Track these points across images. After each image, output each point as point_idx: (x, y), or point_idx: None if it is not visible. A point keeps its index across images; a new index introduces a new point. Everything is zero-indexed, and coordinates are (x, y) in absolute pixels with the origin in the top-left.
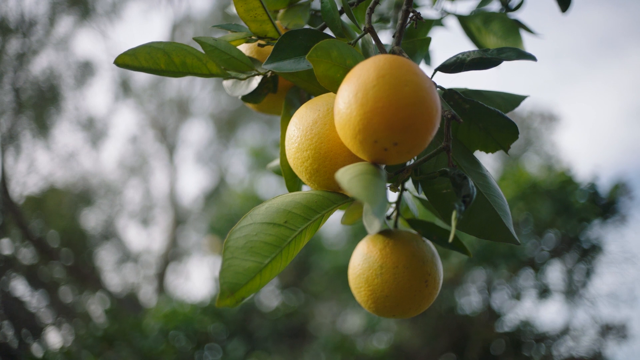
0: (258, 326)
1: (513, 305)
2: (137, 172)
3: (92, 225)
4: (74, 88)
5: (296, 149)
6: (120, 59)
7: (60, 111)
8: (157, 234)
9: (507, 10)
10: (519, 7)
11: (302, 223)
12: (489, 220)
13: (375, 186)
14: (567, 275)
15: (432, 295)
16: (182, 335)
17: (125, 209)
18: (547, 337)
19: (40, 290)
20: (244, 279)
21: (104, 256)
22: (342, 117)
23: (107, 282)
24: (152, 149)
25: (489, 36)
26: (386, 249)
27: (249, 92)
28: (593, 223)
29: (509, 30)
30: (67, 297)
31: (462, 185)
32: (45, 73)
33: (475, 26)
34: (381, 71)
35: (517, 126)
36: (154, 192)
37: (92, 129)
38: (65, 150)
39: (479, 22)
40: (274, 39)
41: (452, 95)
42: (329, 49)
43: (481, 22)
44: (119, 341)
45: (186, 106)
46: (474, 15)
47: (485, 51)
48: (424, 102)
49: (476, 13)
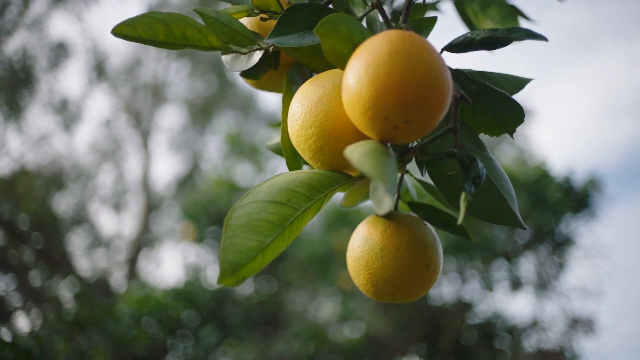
0: (231, 313)
1: (485, 296)
2: (110, 156)
3: (63, 209)
4: (47, 70)
5: (300, 126)
6: (117, 29)
7: (33, 93)
8: (129, 219)
9: None
10: None
11: (305, 202)
12: (495, 204)
13: (386, 164)
14: (539, 267)
15: (432, 279)
16: (155, 322)
17: (97, 194)
18: (518, 329)
19: (9, 274)
20: (246, 258)
21: (74, 241)
22: (352, 93)
23: (78, 266)
24: (125, 133)
25: (486, 21)
26: (387, 231)
27: (249, 67)
28: (566, 216)
29: (507, 16)
30: (36, 281)
31: (471, 167)
32: (19, 54)
33: (472, 10)
34: (394, 46)
35: (523, 109)
36: (127, 177)
37: (66, 112)
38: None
39: (476, 7)
40: (277, 13)
41: (458, 75)
42: (337, 23)
43: (478, 7)
44: (90, 326)
45: (161, 91)
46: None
47: (495, 30)
48: (437, 80)
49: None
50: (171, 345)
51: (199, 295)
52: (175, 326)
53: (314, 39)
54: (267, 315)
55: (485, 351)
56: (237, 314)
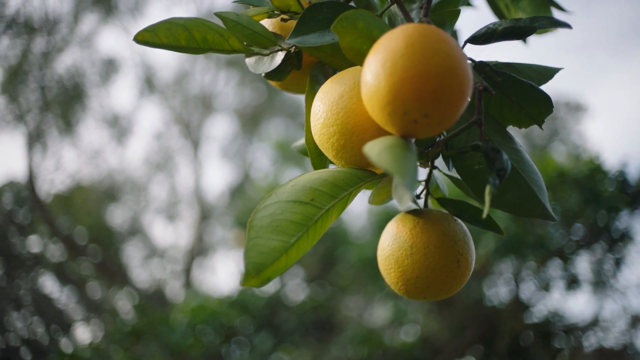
0: (285, 320)
1: (541, 296)
2: (162, 168)
3: (118, 221)
4: (98, 85)
5: (322, 125)
6: (139, 36)
7: (85, 109)
8: (183, 229)
9: None
10: None
11: (329, 201)
12: (523, 196)
13: (405, 159)
14: (596, 265)
15: (464, 276)
16: (210, 330)
17: (151, 205)
18: (577, 328)
19: (69, 286)
20: (270, 259)
21: (130, 252)
22: (370, 89)
23: (134, 278)
24: (176, 144)
25: (518, 13)
26: (416, 228)
27: (272, 68)
28: (622, 212)
29: (539, 7)
30: (95, 293)
31: (495, 159)
32: (70, 71)
33: (503, 3)
34: (410, 39)
35: (551, 99)
36: (179, 188)
37: (117, 125)
38: (91, 148)
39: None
40: (297, 13)
41: (483, 67)
42: (354, 19)
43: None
44: (147, 336)
45: (210, 101)
46: None
47: (517, 20)
48: (456, 72)
49: None
50: (226, 353)
51: (253, 302)
52: (230, 334)
53: (334, 37)
54: (321, 320)
55: (544, 351)
56: (291, 320)
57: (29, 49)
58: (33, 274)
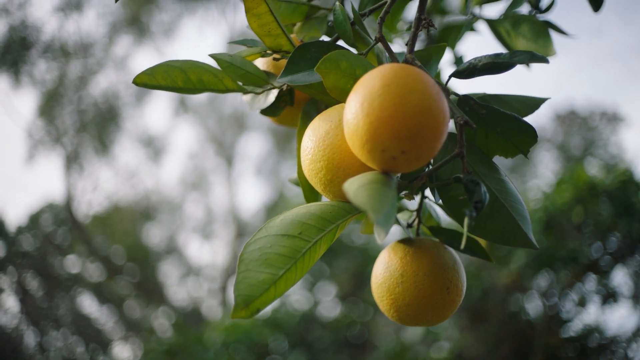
0: (318, 337)
1: (577, 310)
2: (197, 187)
3: (155, 241)
4: (133, 106)
5: (310, 161)
6: (138, 79)
7: (120, 130)
8: (218, 247)
9: (538, 12)
10: (549, 8)
11: (316, 234)
12: (506, 226)
13: (382, 196)
14: (634, 278)
15: (454, 302)
16: (243, 348)
17: (186, 224)
18: (616, 342)
19: (107, 305)
20: (258, 291)
21: (167, 271)
22: (350, 127)
23: (171, 296)
24: (211, 163)
25: (519, 39)
26: (407, 257)
27: (267, 105)
28: None
29: (539, 32)
30: (132, 312)
31: (474, 192)
32: (105, 93)
33: (504, 29)
34: (387, 80)
35: (535, 129)
36: (214, 206)
37: (152, 146)
38: (127, 168)
39: (508, 26)
40: (288, 52)
41: (467, 101)
42: (337, 60)
43: (510, 26)
44: (182, 355)
45: (243, 120)
46: (503, 19)
47: (497, 56)
48: (431, 110)
49: (505, 16)
50: None
51: (286, 320)
52: (263, 352)
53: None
54: (354, 337)
55: None
56: (325, 338)
57: (64, 72)
58: (72, 293)
